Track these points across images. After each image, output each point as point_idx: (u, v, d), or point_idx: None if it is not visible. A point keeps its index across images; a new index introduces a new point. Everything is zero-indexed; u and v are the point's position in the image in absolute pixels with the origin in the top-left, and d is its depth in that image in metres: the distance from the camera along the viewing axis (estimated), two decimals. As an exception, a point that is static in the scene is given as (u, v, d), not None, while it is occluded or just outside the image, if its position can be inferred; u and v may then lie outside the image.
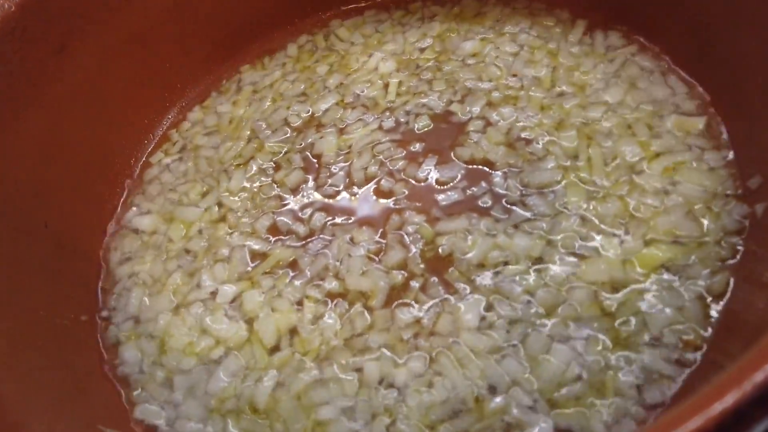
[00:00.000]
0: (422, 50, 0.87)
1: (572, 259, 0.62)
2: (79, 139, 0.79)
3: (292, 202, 0.76)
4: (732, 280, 0.58)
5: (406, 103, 0.81)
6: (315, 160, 0.79)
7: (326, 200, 0.75)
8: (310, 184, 0.77)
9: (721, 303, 0.57)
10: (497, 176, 0.70)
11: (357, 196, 0.74)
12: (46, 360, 0.63)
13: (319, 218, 0.73)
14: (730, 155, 0.65)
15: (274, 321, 0.66)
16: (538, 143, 0.71)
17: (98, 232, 0.81)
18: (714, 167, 0.65)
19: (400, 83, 0.83)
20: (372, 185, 0.74)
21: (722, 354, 0.53)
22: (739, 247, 0.60)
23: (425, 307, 0.64)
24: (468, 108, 0.77)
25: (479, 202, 0.69)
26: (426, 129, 0.78)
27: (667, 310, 0.57)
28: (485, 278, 0.64)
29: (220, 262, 0.73)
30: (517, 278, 0.63)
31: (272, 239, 0.73)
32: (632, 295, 0.59)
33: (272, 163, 0.81)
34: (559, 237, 0.64)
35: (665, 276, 0.59)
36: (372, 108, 0.82)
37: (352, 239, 0.70)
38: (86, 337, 0.71)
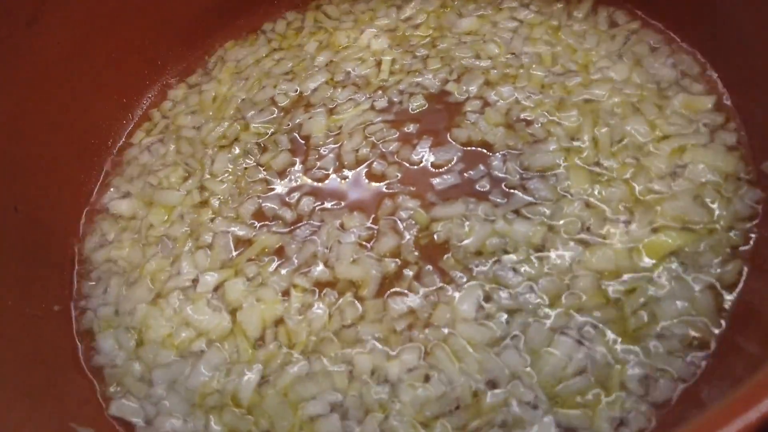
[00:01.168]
0: (416, 27, 0.83)
1: (576, 246, 0.59)
2: (53, 117, 0.75)
3: (279, 186, 0.72)
4: (745, 269, 0.55)
5: (399, 82, 0.77)
6: (303, 142, 0.75)
7: (315, 184, 0.71)
8: (298, 167, 0.73)
9: (734, 294, 0.54)
10: (496, 159, 0.67)
11: (347, 179, 0.70)
12: (14, 353, 0.59)
13: (307, 203, 0.70)
14: (742, 137, 0.62)
15: (258, 311, 0.63)
16: (539, 124, 0.68)
17: (73, 216, 0.76)
18: (724, 149, 0.62)
19: (393, 61, 0.80)
20: (363, 168, 0.71)
21: (735, 350, 0.50)
22: (752, 234, 0.57)
23: (419, 296, 0.60)
24: (465, 87, 0.74)
25: (477, 186, 0.65)
26: (420, 109, 0.74)
27: (677, 301, 0.54)
28: (483, 266, 0.60)
29: (202, 248, 0.69)
30: (517, 266, 0.59)
31: (257, 225, 0.70)
32: (640, 284, 0.56)
33: (258, 144, 0.76)
34: (561, 223, 0.61)
35: (674, 265, 0.56)
36: (363, 87, 0.78)
37: (342, 225, 0.67)
38: (59, 328, 0.67)
